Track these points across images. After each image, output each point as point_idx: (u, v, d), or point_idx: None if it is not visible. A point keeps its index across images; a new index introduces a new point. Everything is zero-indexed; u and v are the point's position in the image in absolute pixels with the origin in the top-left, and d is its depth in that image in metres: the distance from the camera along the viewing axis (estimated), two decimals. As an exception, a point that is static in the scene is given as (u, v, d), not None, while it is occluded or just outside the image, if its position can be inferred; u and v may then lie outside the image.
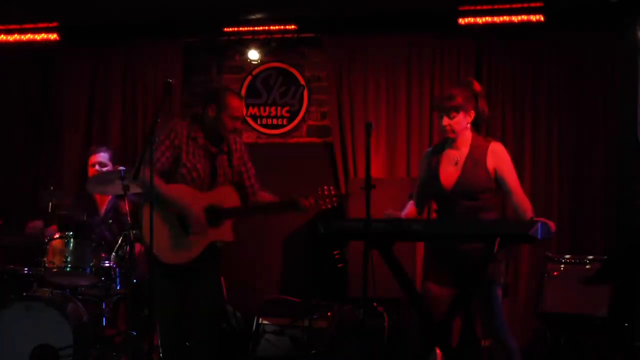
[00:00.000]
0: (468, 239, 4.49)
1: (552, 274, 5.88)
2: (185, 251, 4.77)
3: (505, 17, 6.60)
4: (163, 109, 4.71)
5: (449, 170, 4.64)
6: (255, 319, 6.44)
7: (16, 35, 7.39)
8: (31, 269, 5.84)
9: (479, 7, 6.63)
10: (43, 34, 7.35)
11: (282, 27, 7.10)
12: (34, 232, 5.97)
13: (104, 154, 6.24)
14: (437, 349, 4.62)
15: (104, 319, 5.75)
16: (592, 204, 6.56)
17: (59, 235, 5.67)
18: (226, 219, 4.85)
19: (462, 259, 4.53)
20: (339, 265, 6.69)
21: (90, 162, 6.26)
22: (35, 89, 7.57)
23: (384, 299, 5.99)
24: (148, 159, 4.38)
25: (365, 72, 7.05)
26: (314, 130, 7.38)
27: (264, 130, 7.44)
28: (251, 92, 7.44)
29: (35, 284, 5.81)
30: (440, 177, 4.65)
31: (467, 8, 6.65)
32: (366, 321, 5.93)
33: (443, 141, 4.78)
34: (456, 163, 4.64)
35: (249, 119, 7.43)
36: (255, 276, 7.21)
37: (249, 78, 7.45)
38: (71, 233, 5.62)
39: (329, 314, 6.29)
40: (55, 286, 5.73)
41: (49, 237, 5.68)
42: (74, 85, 7.50)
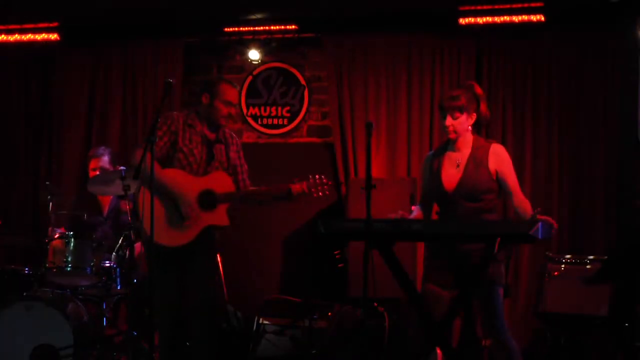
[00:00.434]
0: (468, 239, 4.48)
1: (553, 274, 5.87)
2: (181, 234, 4.81)
3: (505, 17, 6.61)
4: (163, 109, 4.72)
5: (450, 172, 4.64)
6: (256, 319, 6.45)
7: (16, 35, 7.40)
8: (31, 269, 5.84)
9: (479, 7, 6.63)
10: (43, 34, 7.36)
11: (282, 27, 7.11)
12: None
13: (105, 157, 6.22)
14: (437, 349, 4.62)
15: (104, 319, 5.75)
16: (592, 204, 6.56)
17: (59, 235, 5.67)
18: (221, 203, 4.89)
19: (463, 259, 4.53)
20: (339, 265, 6.69)
21: (90, 166, 6.24)
22: (35, 89, 7.57)
23: (384, 299, 6.00)
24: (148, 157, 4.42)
25: (366, 72, 7.05)
26: (314, 130, 7.38)
27: (265, 130, 7.44)
28: (252, 92, 7.44)
29: (35, 284, 5.80)
30: (442, 179, 4.64)
31: (467, 8, 6.66)
32: (366, 321, 5.95)
33: (444, 144, 4.78)
34: (458, 165, 4.63)
35: (249, 119, 7.44)
36: (255, 276, 7.22)
37: (250, 78, 7.45)
38: (71, 233, 5.63)
39: (329, 314, 6.29)
40: (55, 286, 5.73)
41: (49, 238, 5.68)
42: (74, 85, 7.50)
